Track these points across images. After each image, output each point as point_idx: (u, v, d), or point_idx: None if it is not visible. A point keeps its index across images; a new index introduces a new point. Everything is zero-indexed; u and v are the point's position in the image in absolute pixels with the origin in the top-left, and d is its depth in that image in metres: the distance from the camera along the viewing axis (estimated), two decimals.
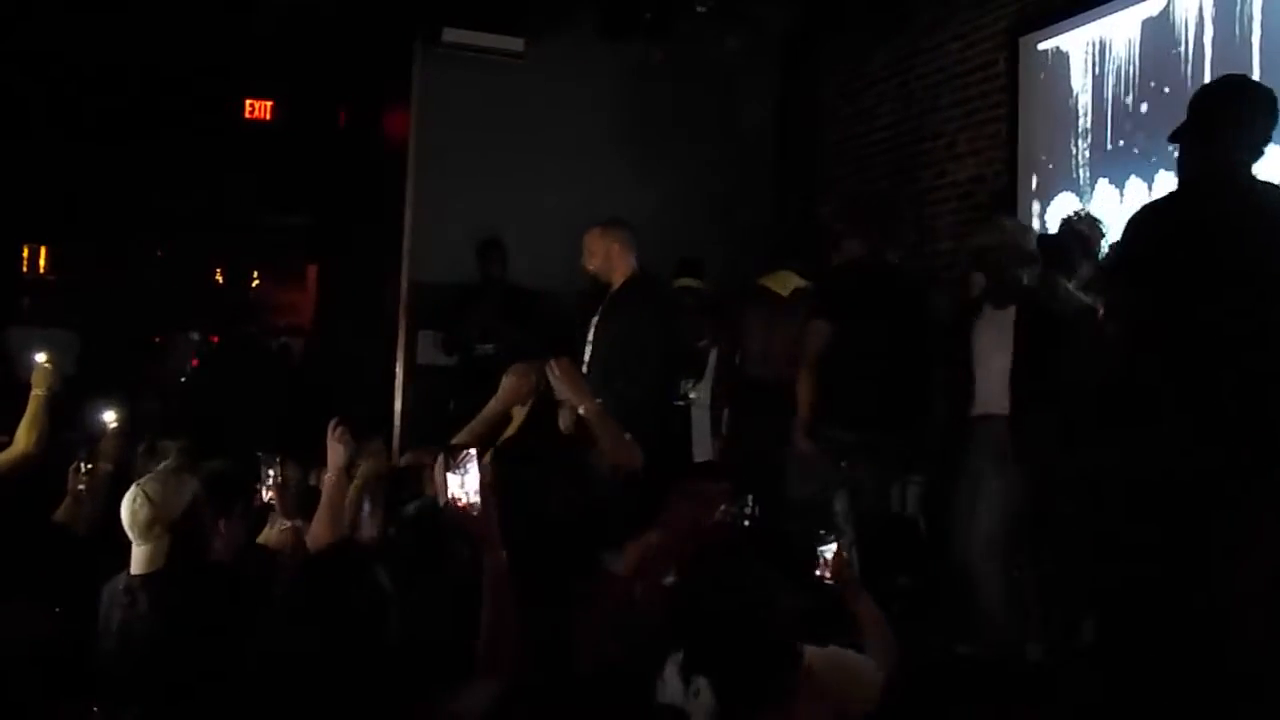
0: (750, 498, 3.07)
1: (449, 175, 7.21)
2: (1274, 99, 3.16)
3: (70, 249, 10.01)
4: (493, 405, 3.78)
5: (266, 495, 3.42)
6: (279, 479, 3.44)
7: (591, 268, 5.05)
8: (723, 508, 2.88)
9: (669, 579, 2.65)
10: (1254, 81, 3.23)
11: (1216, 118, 3.14)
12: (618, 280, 5.01)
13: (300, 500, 3.53)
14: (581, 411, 3.55)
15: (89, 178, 7.89)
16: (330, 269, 9.33)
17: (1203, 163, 3.11)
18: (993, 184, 6.15)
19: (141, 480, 2.93)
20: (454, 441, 3.44)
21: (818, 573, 2.84)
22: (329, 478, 3.43)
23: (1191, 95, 3.28)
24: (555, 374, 3.63)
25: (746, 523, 3.00)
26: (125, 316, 9.01)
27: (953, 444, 4.48)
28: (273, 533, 3.43)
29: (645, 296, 5.01)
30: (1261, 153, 3.16)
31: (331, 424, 3.51)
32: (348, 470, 3.48)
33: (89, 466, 3.54)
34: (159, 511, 2.83)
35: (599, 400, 3.68)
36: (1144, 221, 3.19)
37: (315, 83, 8.35)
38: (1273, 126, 3.16)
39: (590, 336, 5.01)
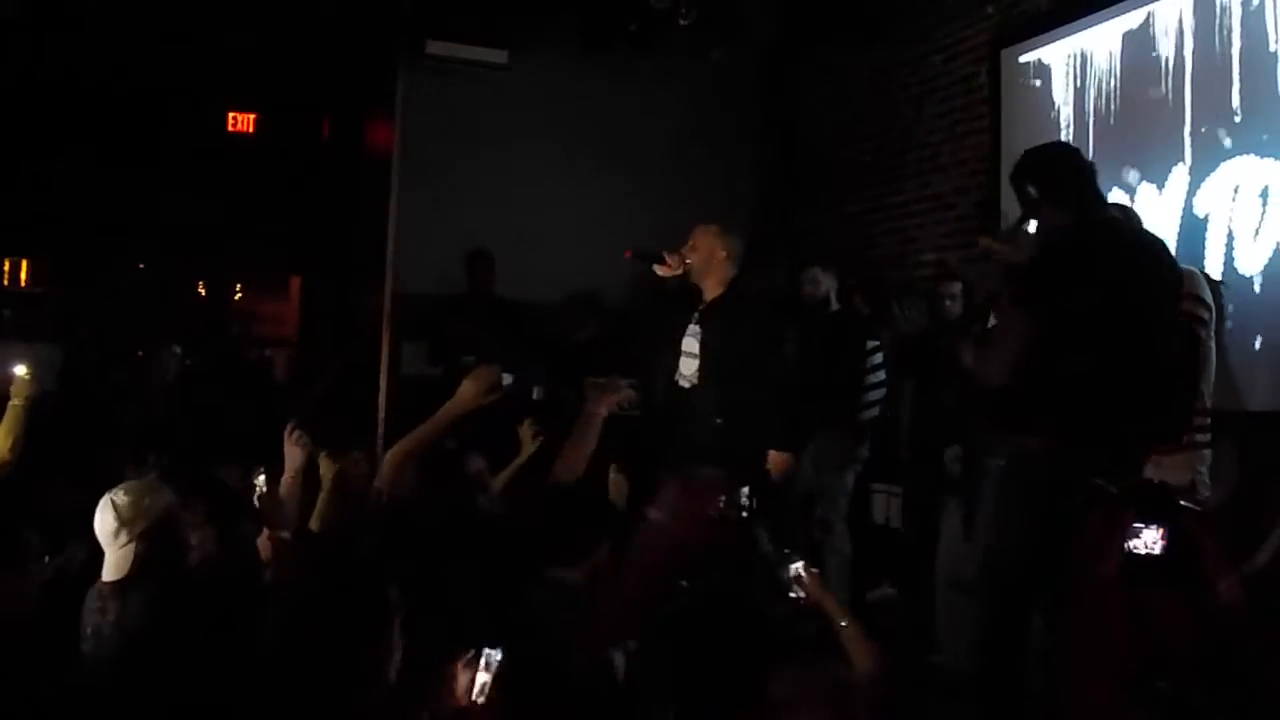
0: (746, 490, 3.07)
1: (433, 187, 7.21)
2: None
3: (52, 262, 9.96)
4: (448, 408, 3.70)
5: (255, 505, 3.44)
6: (265, 490, 3.45)
7: (689, 262, 4.80)
8: (720, 500, 2.86)
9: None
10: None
11: (1082, 176, 3.61)
12: (715, 287, 4.82)
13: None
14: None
15: (70, 190, 7.86)
16: (313, 280, 9.30)
17: (1078, 213, 3.54)
18: (975, 195, 6.17)
19: (113, 490, 2.95)
20: (399, 445, 3.46)
21: (792, 594, 2.81)
22: (285, 479, 3.50)
23: (1025, 164, 3.69)
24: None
25: (745, 514, 3.00)
26: (107, 329, 8.96)
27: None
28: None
29: (755, 306, 4.89)
30: None
31: (288, 428, 3.56)
32: (304, 472, 3.54)
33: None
34: (124, 520, 2.87)
35: None
36: (1049, 258, 3.56)
37: (299, 95, 8.34)
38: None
39: (686, 347, 4.83)
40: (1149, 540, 1.98)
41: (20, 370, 3.81)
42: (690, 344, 4.81)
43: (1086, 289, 3.37)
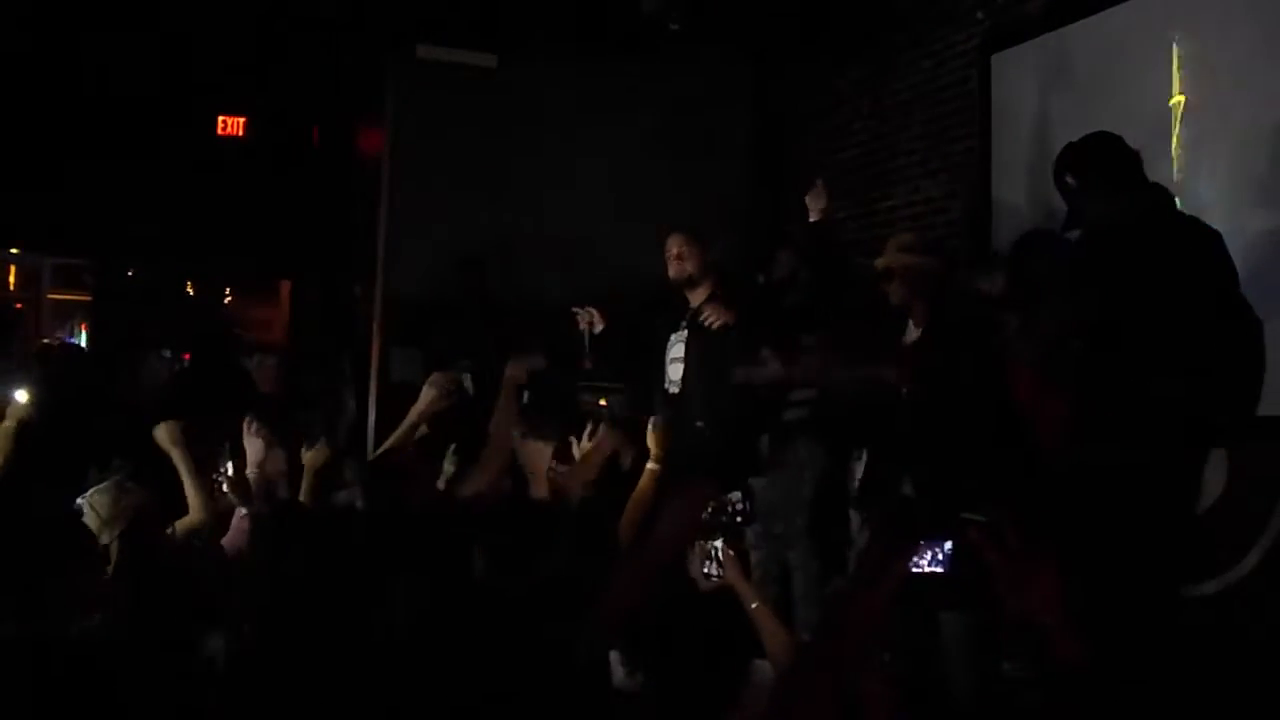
0: (739, 495, 3.07)
1: (423, 191, 7.20)
2: None
3: (40, 266, 9.95)
4: (410, 414, 3.77)
5: (224, 487, 3.48)
6: (232, 472, 3.49)
7: (682, 274, 4.82)
8: (710, 508, 2.85)
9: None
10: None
11: (1125, 162, 3.54)
12: (701, 293, 4.83)
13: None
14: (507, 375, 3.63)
15: (59, 194, 7.84)
16: (303, 285, 9.29)
17: (1126, 199, 3.47)
18: (966, 200, 6.17)
19: (88, 493, 3.00)
20: (386, 446, 3.52)
21: (705, 570, 2.79)
22: (248, 472, 3.61)
23: (1064, 156, 3.69)
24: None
25: (739, 520, 2.99)
26: (97, 334, 8.94)
27: None
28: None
29: (748, 302, 4.90)
30: None
31: (246, 421, 3.67)
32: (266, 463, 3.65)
33: None
34: (105, 521, 2.92)
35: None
36: (1097, 251, 3.51)
37: (289, 99, 8.33)
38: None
39: (674, 354, 4.83)
40: (930, 559, 1.95)
41: (20, 395, 3.73)
42: (678, 350, 4.83)
43: (1143, 275, 3.28)
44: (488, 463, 3.45)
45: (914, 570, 1.89)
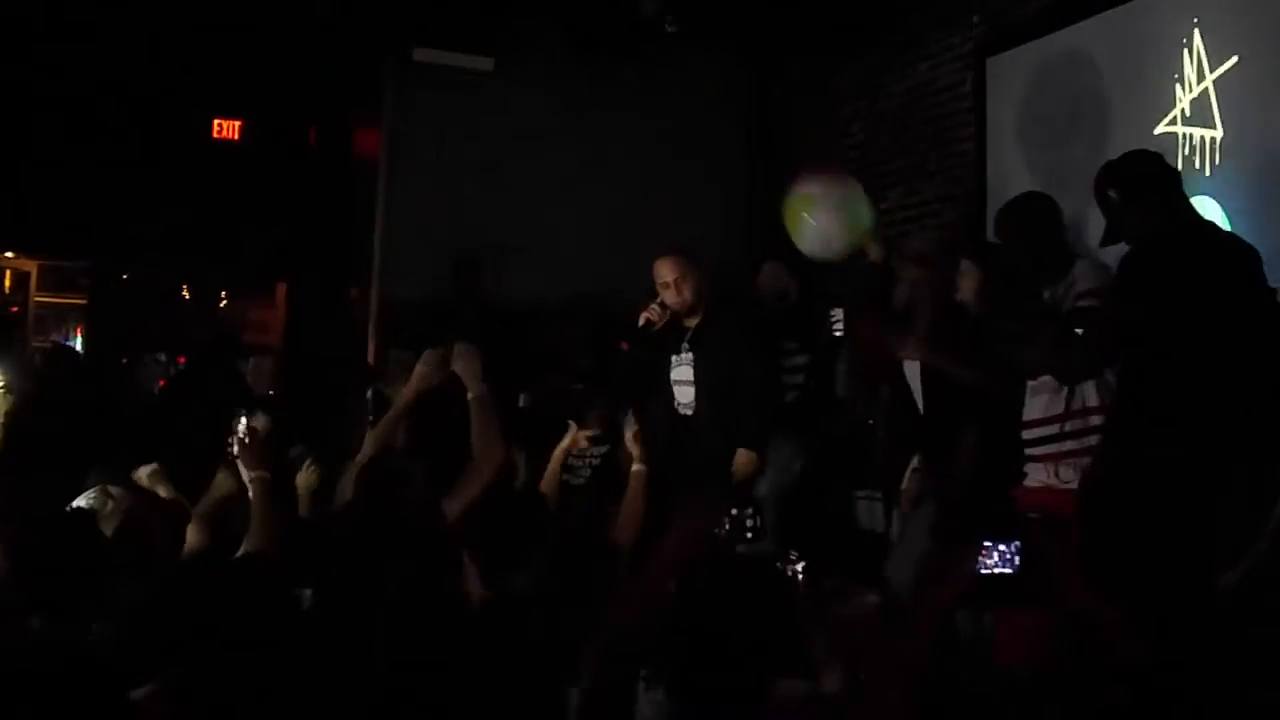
0: (750, 509, 3.09)
1: (419, 194, 7.21)
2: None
3: (36, 269, 9.90)
4: (402, 393, 3.79)
5: (234, 447, 3.47)
6: (246, 432, 3.48)
7: (681, 302, 4.80)
8: (726, 522, 2.87)
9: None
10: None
11: (1168, 180, 3.66)
12: (697, 313, 4.81)
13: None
14: (469, 396, 3.63)
15: (54, 197, 7.82)
16: (300, 288, 9.27)
17: (1174, 215, 3.59)
18: (962, 203, 6.18)
19: (77, 500, 3.00)
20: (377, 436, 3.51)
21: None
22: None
23: (1107, 171, 3.76)
24: (459, 355, 3.71)
25: (749, 535, 3.01)
26: (90, 337, 8.92)
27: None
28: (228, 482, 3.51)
29: (740, 323, 4.90)
30: None
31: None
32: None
33: None
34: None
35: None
36: (1145, 263, 3.55)
37: (285, 102, 8.32)
38: None
39: (679, 375, 4.85)
40: (997, 559, 1.96)
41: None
42: (684, 372, 4.80)
43: (1191, 289, 3.39)
44: (473, 478, 3.42)
45: (981, 571, 1.89)
